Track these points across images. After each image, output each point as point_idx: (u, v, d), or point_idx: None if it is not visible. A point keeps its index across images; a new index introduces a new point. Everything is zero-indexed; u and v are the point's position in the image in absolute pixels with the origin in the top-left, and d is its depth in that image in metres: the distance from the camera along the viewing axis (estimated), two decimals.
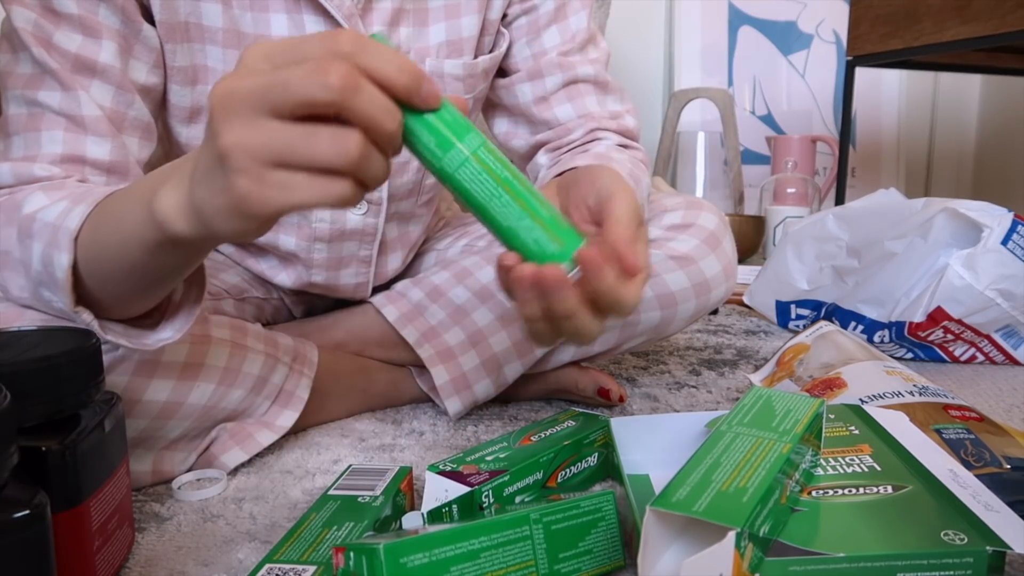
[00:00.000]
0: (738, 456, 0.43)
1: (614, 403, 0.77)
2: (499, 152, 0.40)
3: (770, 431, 0.46)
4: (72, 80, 0.56)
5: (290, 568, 0.43)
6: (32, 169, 0.54)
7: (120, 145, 0.58)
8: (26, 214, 0.51)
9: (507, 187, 0.39)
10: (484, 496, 0.51)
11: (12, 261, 0.52)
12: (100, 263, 0.47)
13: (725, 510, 0.37)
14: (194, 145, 0.66)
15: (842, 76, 2.26)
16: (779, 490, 0.42)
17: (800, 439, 0.46)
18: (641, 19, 2.25)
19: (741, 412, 0.49)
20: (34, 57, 0.55)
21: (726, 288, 0.77)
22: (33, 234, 0.50)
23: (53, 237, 0.48)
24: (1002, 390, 0.86)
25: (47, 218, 0.49)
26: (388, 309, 0.76)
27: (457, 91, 0.73)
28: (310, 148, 0.33)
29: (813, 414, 0.49)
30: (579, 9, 0.76)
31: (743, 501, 0.38)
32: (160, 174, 0.43)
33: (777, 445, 0.44)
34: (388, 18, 0.68)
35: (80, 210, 0.48)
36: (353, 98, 0.33)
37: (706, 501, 0.38)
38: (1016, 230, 0.88)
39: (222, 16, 0.63)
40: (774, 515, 0.41)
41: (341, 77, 0.32)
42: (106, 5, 0.58)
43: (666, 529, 0.39)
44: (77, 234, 0.47)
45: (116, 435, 0.45)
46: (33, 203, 0.51)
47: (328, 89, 0.32)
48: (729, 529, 0.36)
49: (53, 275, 0.48)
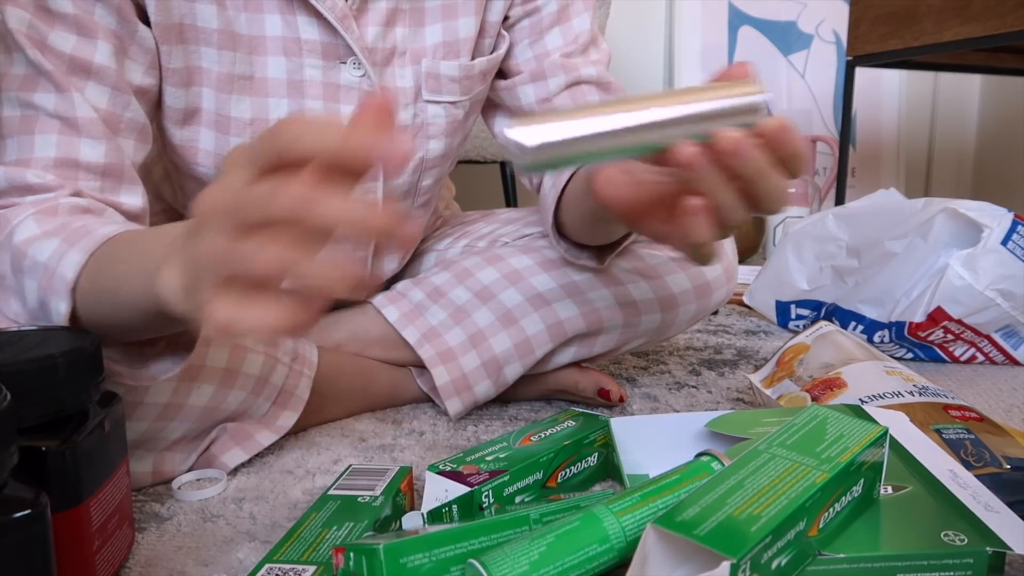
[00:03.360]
0: (764, 480, 0.40)
1: (614, 403, 0.77)
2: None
3: (811, 457, 0.42)
4: (67, 82, 0.56)
5: (290, 568, 0.43)
6: (25, 175, 0.54)
7: (115, 147, 0.58)
8: (17, 244, 0.51)
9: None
10: (484, 496, 0.51)
11: (6, 287, 0.53)
12: (99, 315, 0.49)
13: (727, 538, 0.35)
14: (187, 147, 0.66)
15: (842, 76, 2.26)
16: (805, 521, 0.39)
17: (844, 470, 0.41)
18: (641, 19, 2.25)
19: (788, 432, 0.45)
20: (29, 58, 0.55)
21: (727, 290, 0.78)
22: (25, 270, 0.50)
23: (49, 282, 0.49)
24: (1002, 390, 0.86)
25: (39, 256, 0.50)
26: (389, 309, 0.76)
27: (454, 92, 0.73)
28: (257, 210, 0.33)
29: (868, 443, 0.44)
30: (582, 11, 0.76)
31: (750, 530, 0.36)
32: (159, 244, 0.43)
33: (812, 473, 0.40)
34: (383, 18, 0.68)
35: (75, 258, 0.48)
36: (319, 206, 0.32)
37: (711, 525, 0.36)
38: (1016, 230, 0.88)
39: (216, 18, 0.62)
40: (796, 547, 0.38)
41: (299, 193, 0.32)
42: (102, 5, 0.57)
43: (673, 548, 0.37)
44: (74, 284, 0.48)
45: (116, 435, 0.45)
46: (24, 231, 0.51)
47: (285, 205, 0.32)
48: (725, 558, 0.34)
49: (50, 318, 0.50)
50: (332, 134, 0.32)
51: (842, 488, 0.42)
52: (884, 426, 0.46)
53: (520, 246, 0.79)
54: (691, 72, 2.25)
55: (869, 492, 0.45)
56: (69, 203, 0.54)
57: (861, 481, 0.44)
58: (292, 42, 0.65)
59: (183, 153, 0.66)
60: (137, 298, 0.44)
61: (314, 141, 0.32)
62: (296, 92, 0.66)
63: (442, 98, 0.73)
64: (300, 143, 0.32)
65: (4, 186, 0.54)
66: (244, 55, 0.64)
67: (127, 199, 0.59)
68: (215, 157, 0.66)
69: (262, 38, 0.64)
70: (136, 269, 0.44)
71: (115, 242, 0.49)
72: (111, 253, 0.48)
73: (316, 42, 0.65)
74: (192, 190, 0.71)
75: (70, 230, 0.50)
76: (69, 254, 0.48)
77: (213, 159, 0.66)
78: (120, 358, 0.53)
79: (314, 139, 0.32)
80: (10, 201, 0.54)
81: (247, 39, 0.64)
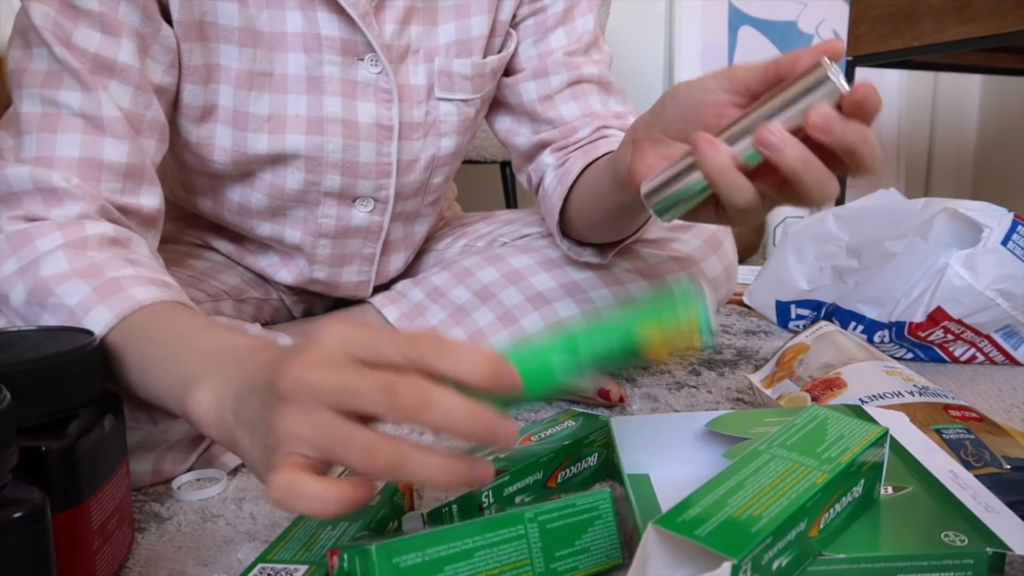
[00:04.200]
0: (765, 481, 0.40)
1: (614, 403, 0.77)
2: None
3: (812, 457, 0.42)
4: (93, 80, 0.55)
5: (282, 568, 0.43)
6: (51, 178, 0.53)
7: (137, 147, 0.58)
8: (45, 279, 0.50)
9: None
10: (484, 496, 0.51)
11: (12, 312, 0.52)
12: (123, 384, 0.49)
13: (728, 538, 0.35)
14: (204, 144, 0.66)
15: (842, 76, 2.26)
16: (806, 522, 0.39)
17: (845, 470, 0.41)
18: (641, 19, 2.25)
19: (788, 432, 0.45)
20: (55, 55, 0.55)
21: (727, 289, 0.78)
22: (48, 307, 0.50)
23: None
24: (1002, 390, 0.86)
25: (67, 299, 0.49)
26: (389, 309, 0.76)
27: (465, 91, 0.73)
28: (344, 452, 0.34)
29: (868, 443, 0.44)
30: (586, 12, 0.76)
31: (751, 531, 0.36)
32: (209, 355, 0.43)
33: (813, 474, 0.40)
34: (400, 16, 0.68)
35: (105, 316, 0.48)
36: (421, 416, 0.33)
37: (712, 526, 0.36)
38: (1016, 230, 0.88)
39: (238, 15, 0.63)
40: (796, 548, 0.38)
41: (410, 400, 0.33)
42: (126, 3, 0.57)
43: (674, 548, 0.37)
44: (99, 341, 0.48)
45: (116, 435, 0.45)
46: (53, 266, 0.50)
47: (394, 410, 0.33)
48: (726, 559, 0.34)
49: None
50: (480, 365, 0.33)
51: (843, 488, 0.42)
52: (884, 426, 0.46)
53: (520, 246, 0.79)
54: (691, 72, 2.25)
55: (869, 492, 0.45)
56: (98, 235, 0.53)
57: (861, 481, 0.44)
58: (312, 38, 0.65)
59: (198, 151, 0.66)
60: (169, 402, 0.44)
61: (459, 370, 0.33)
62: (315, 88, 0.67)
63: (454, 96, 0.73)
64: (444, 365, 0.33)
65: (29, 187, 0.54)
66: (265, 52, 0.65)
67: (147, 200, 0.59)
68: (231, 153, 0.67)
69: (283, 34, 0.64)
70: (173, 368, 0.44)
71: (155, 318, 0.48)
72: (145, 333, 0.48)
73: (336, 38, 0.66)
74: (202, 187, 0.71)
75: (102, 280, 0.50)
76: (99, 309, 0.48)
77: (230, 155, 0.67)
78: (142, 416, 0.54)
79: (459, 367, 0.33)
80: (34, 212, 0.54)
81: (268, 35, 0.64)
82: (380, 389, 0.33)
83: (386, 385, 0.33)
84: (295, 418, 0.34)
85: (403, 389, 0.32)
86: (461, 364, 0.34)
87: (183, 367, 0.43)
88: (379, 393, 0.33)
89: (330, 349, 0.35)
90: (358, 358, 0.34)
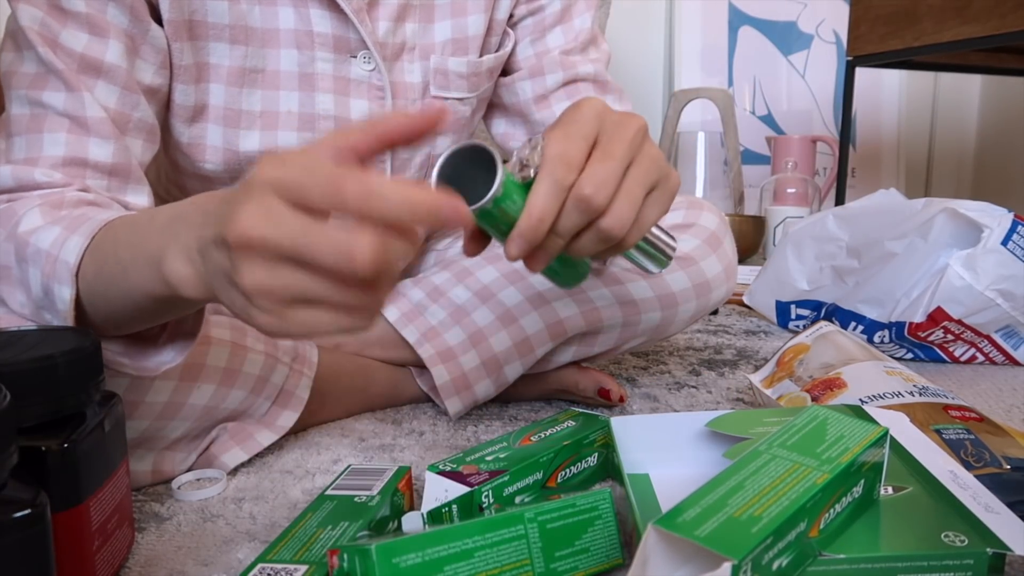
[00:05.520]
0: (765, 481, 0.40)
1: (614, 403, 0.77)
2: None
3: (812, 457, 0.42)
4: (77, 81, 0.55)
5: (281, 568, 0.43)
6: (33, 174, 0.54)
7: (123, 147, 0.58)
8: (21, 233, 0.51)
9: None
10: (484, 496, 0.51)
11: (11, 277, 0.52)
12: (103, 300, 0.48)
13: (728, 539, 0.35)
14: (195, 144, 0.66)
15: (842, 76, 2.26)
16: (806, 522, 0.39)
17: (845, 470, 0.41)
18: (641, 19, 2.25)
19: (788, 433, 0.45)
20: (40, 57, 0.55)
21: (727, 289, 0.78)
22: (28, 258, 0.50)
23: (52, 268, 0.49)
24: (1002, 390, 0.86)
25: (41, 244, 0.49)
26: (388, 309, 0.76)
27: (461, 89, 0.73)
28: (328, 292, 0.34)
29: (868, 443, 0.44)
30: (584, 11, 0.76)
31: (751, 531, 0.35)
32: (165, 226, 0.43)
33: (813, 474, 0.40)
34: (394, 13, 0.68)
35: (76, 241, 0.48)
36: (379, 269, 0.33)
37: (712, 526, 0.36)
38: (1016, 230, 0.88)
39: (229, 12, 0.63)
40: (796, 548, 0.38)
41: (369, 262, 0.32)
42: (114, 4, 0.57)
43: (674, 548, 0.37)
44: (77, 269, 0.48)
45: (116, 435, 0.45)
46: (28, 222, 0.51)
47: (355, 268, 0.32)
48: (726, 559, 0.34)
49: (54, 304, 0.49)
50: (417, 203, 0.33)
51: (843, 489, 0.42)
52: (884, 427, 0.46)
53: None
54: (691, 72, 2.25)
55: (869, 493, 0.45)
56: (75, 196, 0.54)
57: (861, 482, 0.44)
58: (304, 35, 0.65)
59: (190, 151, 0.66)
60: (146, 284, 0.43)
61: (396, 214, 0.33)
62: (307, 85, 0.66)
63: (450, 94, 0.73)
64: (377, 212, 0.33)
65: (12, 184, 0.54)
66: (256, 48, 0.65)
67: (133, 199, 0.59)
68: (223, 153, 0.67)
69: (275, 31, 0.64)
70: (142, 255, 0.44)
71: (115, 225, 0.49)
72: (112, 236, 0.48)
73: (328, 35, 0.66)
74: (194, 188, 0.71)
75: (72, 218, 0.50)
76: (71, 239, 0.48)
77: (221, 155, 0.67)
78: (123, 350, 0.53)
79: (394, 211, 0.33)
80: (18, 196, 0.54)
81: (260, 32, 0.64)
82: (335, 247, 0.32)
83: (341, 243, 0.32)
84: (259, 271, 0.34)
85: (360, 244, 0.32)
86: (398, 210, 0.33)
87: (149, 249, 0.43)
88: (336, 251, 0.32)
89: (267, 200, 0.34)
90: (295, 204, 0.34)
